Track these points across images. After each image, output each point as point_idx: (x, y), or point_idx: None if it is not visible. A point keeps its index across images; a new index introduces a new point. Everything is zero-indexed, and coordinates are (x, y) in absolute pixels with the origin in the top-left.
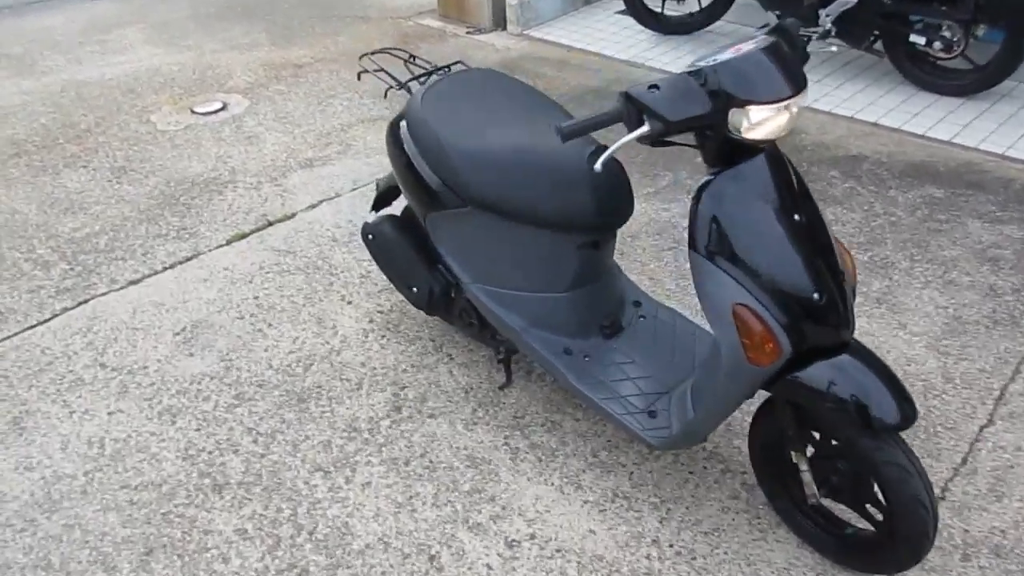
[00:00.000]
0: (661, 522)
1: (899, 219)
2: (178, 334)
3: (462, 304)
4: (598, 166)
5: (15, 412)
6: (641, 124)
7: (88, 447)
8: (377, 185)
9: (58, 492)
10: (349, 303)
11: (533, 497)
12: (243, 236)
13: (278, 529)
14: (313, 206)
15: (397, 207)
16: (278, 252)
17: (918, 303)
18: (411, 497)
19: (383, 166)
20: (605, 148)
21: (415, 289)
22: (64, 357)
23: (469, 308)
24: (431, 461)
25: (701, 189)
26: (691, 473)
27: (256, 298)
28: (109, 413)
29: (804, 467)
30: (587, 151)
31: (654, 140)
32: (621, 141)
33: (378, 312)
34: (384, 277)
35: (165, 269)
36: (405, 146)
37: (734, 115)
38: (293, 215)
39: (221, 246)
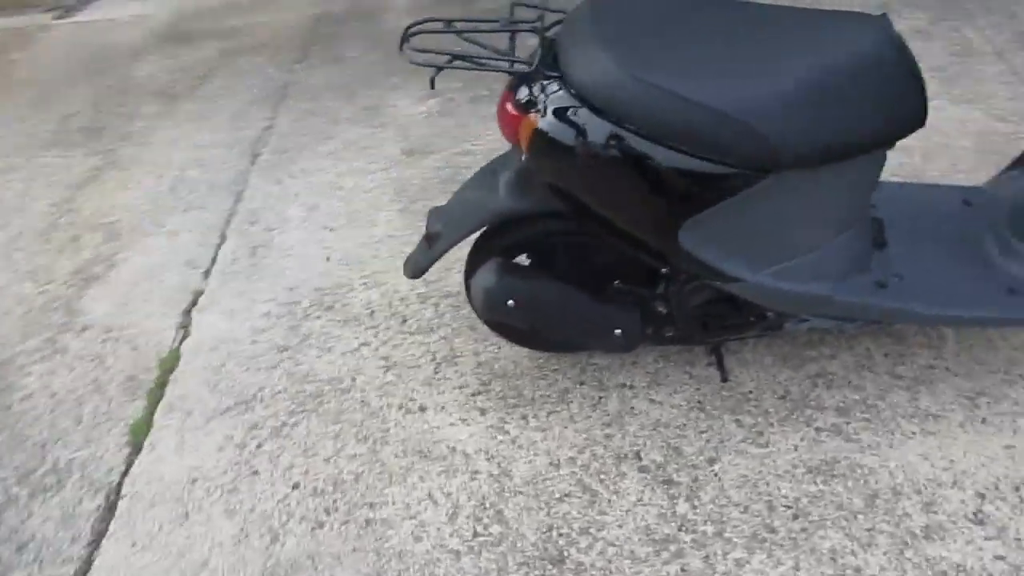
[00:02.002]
0: None
1: None
2: None
3: (685, 313)
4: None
5: None
6: None
7: None
8: (435, 237)
9: None
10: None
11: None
12: None
13: None
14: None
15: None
16: None
17: None
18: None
19: None
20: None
21: (620, 330)
22: None
23: (695, 313)
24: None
25: None
26: None
27: None
28: None
29: None
30: (861, 27)
31: None
32: None
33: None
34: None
35: None
36: (611, 141)
37: None
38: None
39: None
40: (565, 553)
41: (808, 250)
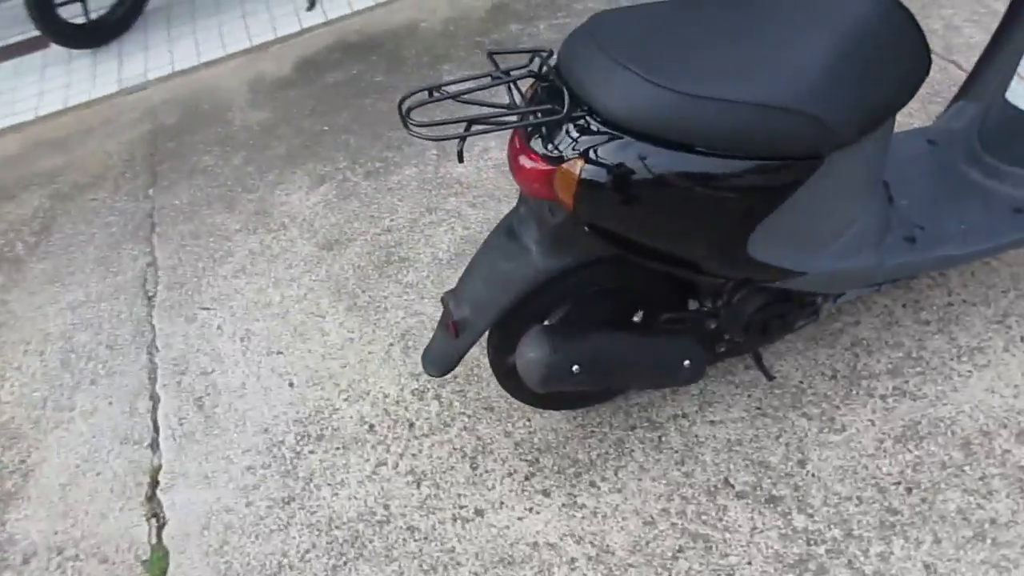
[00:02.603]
0: None
1: None
2: None
3: (739, 324)
4: None
5: None
6: None
7: None
8: (463, 324)
9: None
10: None
11: None
12: None
13: None
14: None
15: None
16: None
17: None
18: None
19: None
20: None
21: (688, 360)
22: None
23: (749, 321)
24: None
25: None
26: None
27: None
28: None
29: None
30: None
31: None
32: None
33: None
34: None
35: None
36: (666, 165)
37: None
38: None
39: None
40: None
41: (852, 224)
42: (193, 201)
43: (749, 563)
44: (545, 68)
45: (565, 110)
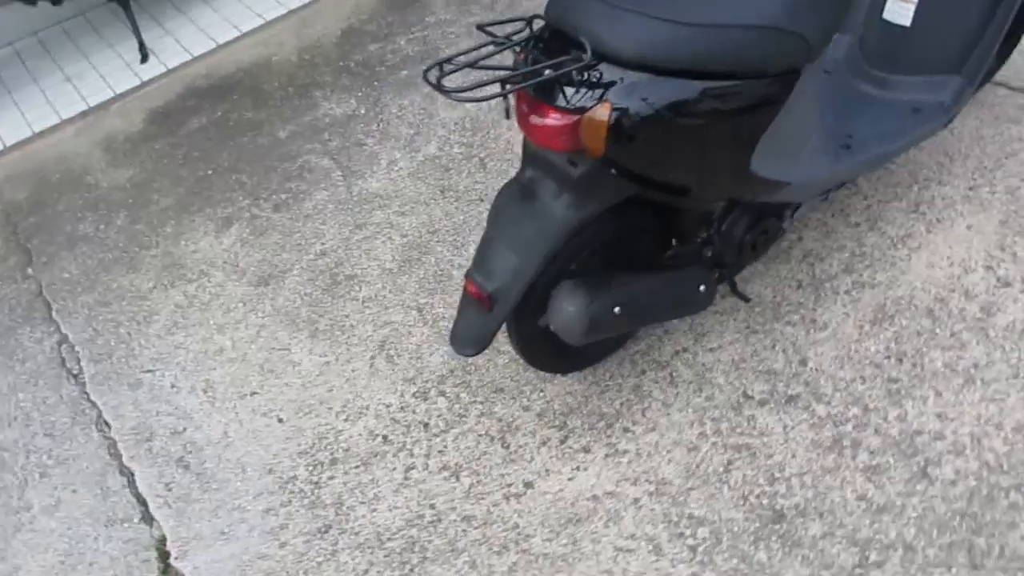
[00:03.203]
0: None
1: None
2: None
3: (733, 246)
4: None
5: None
6: None
7: None
8: (495, 296)
9: None
10: None
11: None
12: None
13: None
14: None
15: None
16: None
17: None
18: None
19: None
20: None
21: (703, 286)
22: None
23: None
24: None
25: None
26: None
27: None
28: None
29: None
30: None
31: None
32: None
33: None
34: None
35: None
36: (686, 98)
37: None
38: None
39: None
40: (777, 508)
41: (811, 135)
42: (86, 270)
43: (793, 456)
44: (538, 31)
45: (588, 55)
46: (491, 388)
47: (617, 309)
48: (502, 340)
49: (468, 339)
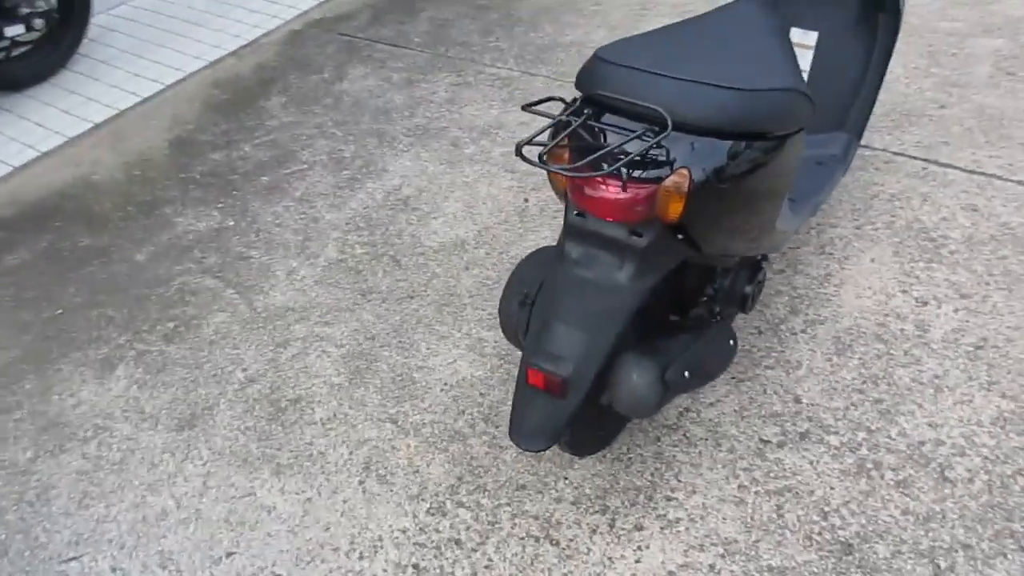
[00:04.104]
0: None
1: None
2: None
3: (738, 300)
4: None
5: None
6: None
7: None
8: (568, 381)
9: None
10: None
11: None
12: None
13: None
14: None
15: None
16: None
17: None
18: None
19: None
20: None
21: (732, 340)
22: None
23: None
24: None
25: None
26: None
27: None
28: None
29: None
30: None
31: None
32: None
33: None
34: None
35: None
36: (744, 159)
37: None
38: None
39: None
40: (842, 540)
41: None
42: None
43: (832, 488)
44: (586, 107)
45: (670, 125)
46: (512, 487)
47: (687, 373)
48: (500, 435)
49: (540, 431)
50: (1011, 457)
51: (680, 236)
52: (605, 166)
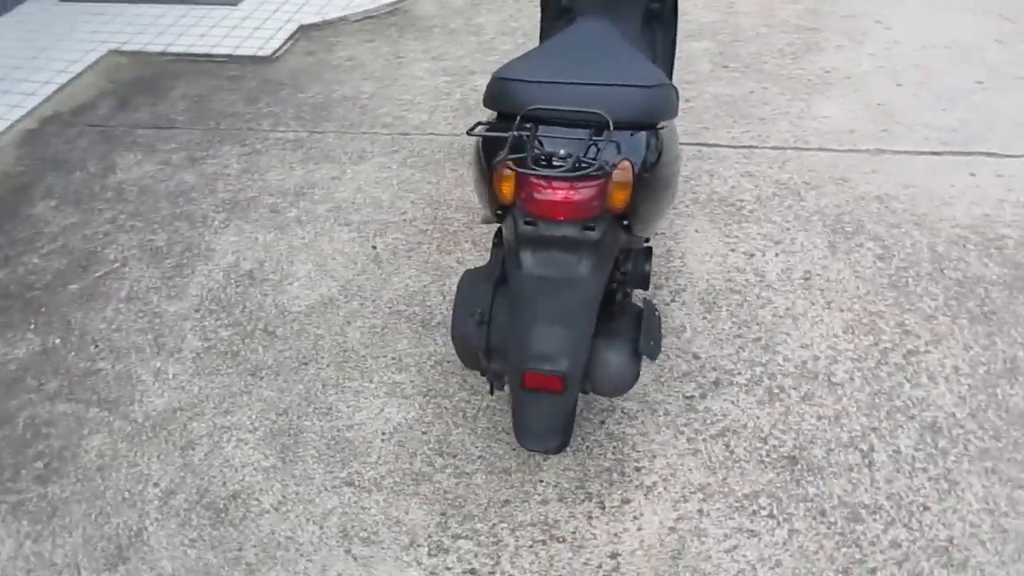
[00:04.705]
0: None
1: None
2: None
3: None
4: None
5: None
6: None
7: None
8: (567, 377)
9: None
10: None
11: None
12: None
13: None
14: None
15: None
16: None
17: None
18: None
19: None
20: None
21: (656, 311)
22: None
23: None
24: None
25: None
26: None
27: None
28: None
29: None
30: None
31: None
32: None
33: None
34: None
35: None
36: (666, 141)
37: None
38: None
39: None
40: (787, 455)
41: None
42: None
43: (758, 417)
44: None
45: (611, 125)
46: (497, 504)
47: (652, 342)
48: (462, 463)
49: (549, 430)
50: (869, 353)
51: (625, 223)
52: (583, 166)
